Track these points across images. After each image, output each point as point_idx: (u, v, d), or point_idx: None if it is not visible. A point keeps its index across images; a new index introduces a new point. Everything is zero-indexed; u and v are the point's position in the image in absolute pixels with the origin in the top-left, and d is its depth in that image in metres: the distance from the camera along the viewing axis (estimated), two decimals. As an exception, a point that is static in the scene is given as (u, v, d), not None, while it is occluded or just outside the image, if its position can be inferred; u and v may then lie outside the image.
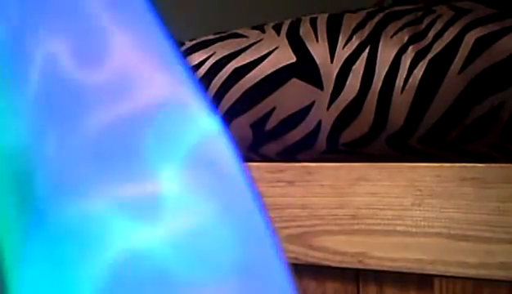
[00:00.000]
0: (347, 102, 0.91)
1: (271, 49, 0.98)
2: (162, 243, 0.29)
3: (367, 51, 0.90)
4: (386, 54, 0.89)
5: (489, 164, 0.81)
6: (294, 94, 0.94)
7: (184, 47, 1.07)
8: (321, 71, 0.93)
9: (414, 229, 0.84)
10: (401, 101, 0.87)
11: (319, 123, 0.93)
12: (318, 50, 0.94)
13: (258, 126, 0.97)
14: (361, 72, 0.90)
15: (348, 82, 0.91)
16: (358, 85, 0.90)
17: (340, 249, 0.88)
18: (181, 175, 0.30)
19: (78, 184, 0.30)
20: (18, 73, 0.31)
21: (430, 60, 0.86)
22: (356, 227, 0.87)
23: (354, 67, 0.91)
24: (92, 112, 0.31)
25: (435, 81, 0.86)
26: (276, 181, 0.93)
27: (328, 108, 0.92)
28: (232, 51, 1.01)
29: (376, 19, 0.93)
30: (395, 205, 0.85)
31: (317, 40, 0.95)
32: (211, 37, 1.06)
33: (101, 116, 0.31)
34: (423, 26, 0.89)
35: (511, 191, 0.79)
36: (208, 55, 1.03)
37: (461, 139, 0.85)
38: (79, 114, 0.31)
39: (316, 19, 0.98)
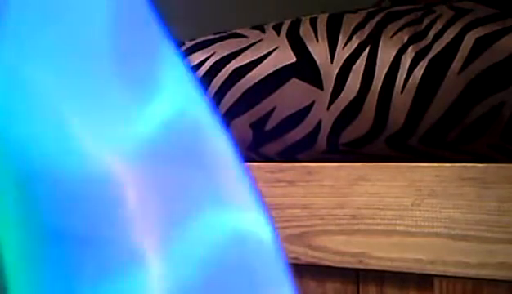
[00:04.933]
0: (347, 102, 0.91)
1: (271, 49, 0.98)
2: None
3: (367, 51, 0.90)
4: (386, 54, 0.89)
5: (489, 164, 0.81)
6: (294, 94, 0.94)
7: (184, 47, 1.07)
8: (321, 71, 0.93)
9: (414, 229, 0.84)
10: (401, 101, 0.87)
11: (319, 123, 0.93)
12: (318, 50, 0.94)
13: (258, 126, 0.97)
14: (361, 72, 0.90)
15: (348, 82, 0.91)
16: (358, 85, 0.90)
17: (340, 249, 0.88)
18: None
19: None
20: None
21: (430, 60, 0.86)
22: (356, 227, 0.87)
23: (354, 67, 0.91)
24: None
25: (435, 81, 0.86)
26: (277, 181, 0.93)
27: (328, 108, 0.92)
28: (232, 51, 1.01)
29: (376, 19, 0.93)
30: (395, 205, 0.85)
31: (317, 40, 0.95)
32: (211, 37, 1.06)
33: None
34: (423, 26, 0.89)
35: (511, 191, 0.79)
36: (208, 55, 1.03)
37: (461, 139, 0.85)
38: None
39: (316, 19, 0.98)
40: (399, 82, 0.88)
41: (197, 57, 1.03)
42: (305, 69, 0.94)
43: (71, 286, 0.29)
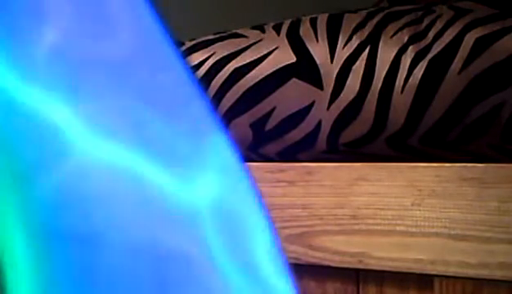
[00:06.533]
0: (347, 102, 0.91)
1: (271, 49, 0.98)
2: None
3: (367, 51, 0.90)
4: (386, 54, 0.89)
5: (489, 164, 0.81)
6: (294, 94, 0.94)
7: (184, 47, 1.07)
8: (321, 71, 0.93)
9: (414, 229, 0.84)
10: (401, 101, 0.87)
11: (319, 123, 0.93)
12: (318, 50, 0.94)
13: (258, 126, 0.98)
14: (361, 72, 0.90)
15: (348, 82, 0.91)
16: (358, 85, 0.90)
17: (340, 249, 0.88)
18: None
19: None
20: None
21: (430, 60, 0.86)
22: (356, 227, 0.88)
23: (354, 67, 0.91)
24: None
25: (435, 81, 0.86)
26: (277, 181, 0.93)
27: (328, 108, 0.92)
28: (232, 51, 1.01)
29: (376, 19, 0.93)
30: (395, 205, 0.85)
31: (317, 40, 0.95)
32: (211, 37, 1.06)
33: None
34: (423, 26, 0.89)
35: (511, 191, 0.79)
36: (208, 55, 1.03)
37: (461, 139, 0.85)
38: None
39: (316, 19, 0.98)
40: (399, 82, 0.88)
41: (197, 57, 1.03)
42: (305, 69, 0.94)
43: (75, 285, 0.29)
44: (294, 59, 0.95)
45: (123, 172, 0.30)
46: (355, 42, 0.92)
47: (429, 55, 0.87)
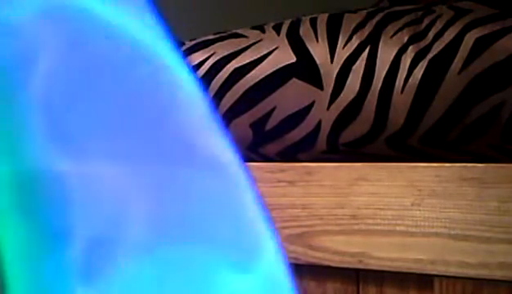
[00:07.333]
0: (347, 102, 0.91)
1: (271, 49, 0.98)
2: None
3: (367, 51, 0.90)
4: (386, 54, 0.89)
5: (489, 164, 0.81)
6: (294, 94, 0.94)
7: (184, 47, 1.07)
8: (321, 71, 0.93)
9: (414, 229, 0.84)
10: (401, 101, 0.87)
11: (319, 123, 0.93)
12: (318, 50, 0.94)
13: (258, 126, 0.97)
14: (361, 72, 0.90)
15: (348, 82, 0.91)
16: (358, 85, 0.90)
17: (340, 249, 0.88)
18: None
19: None
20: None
21: (430, 60, 0.86)
22: (356, 227, 0.87)
23: (354, 67, 0.91)
24: None
25: (435, 81, 0.86)
26: (277, 181, 0.93)
27: (328, 108, 0.92)
28: (232, 51, 1.01)
29: (376, 19, 0.93)
30: (395, 205, 0.85)
31: (317, 40, 0.95)
32: (211, 37, 1.06)
33: None
34: (423, 26, 0.89)
35: (511, 191, 0.79)
36: (208, 55, 1.03)
37: (461, 139, 0.85)
38: None
39: (316, 19, 0.98)
40: (399, 82, 0.88)
41: (197, 57, 1.03)
42: (305, 69, 0.94)
43: (70, 285, 0.29)
44: (294, 59, 0.95)
45: None
46: (355, 42, 0.92)
47: (429, 55, 0.87)
